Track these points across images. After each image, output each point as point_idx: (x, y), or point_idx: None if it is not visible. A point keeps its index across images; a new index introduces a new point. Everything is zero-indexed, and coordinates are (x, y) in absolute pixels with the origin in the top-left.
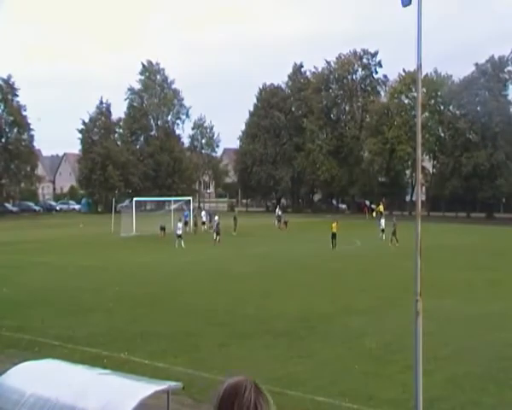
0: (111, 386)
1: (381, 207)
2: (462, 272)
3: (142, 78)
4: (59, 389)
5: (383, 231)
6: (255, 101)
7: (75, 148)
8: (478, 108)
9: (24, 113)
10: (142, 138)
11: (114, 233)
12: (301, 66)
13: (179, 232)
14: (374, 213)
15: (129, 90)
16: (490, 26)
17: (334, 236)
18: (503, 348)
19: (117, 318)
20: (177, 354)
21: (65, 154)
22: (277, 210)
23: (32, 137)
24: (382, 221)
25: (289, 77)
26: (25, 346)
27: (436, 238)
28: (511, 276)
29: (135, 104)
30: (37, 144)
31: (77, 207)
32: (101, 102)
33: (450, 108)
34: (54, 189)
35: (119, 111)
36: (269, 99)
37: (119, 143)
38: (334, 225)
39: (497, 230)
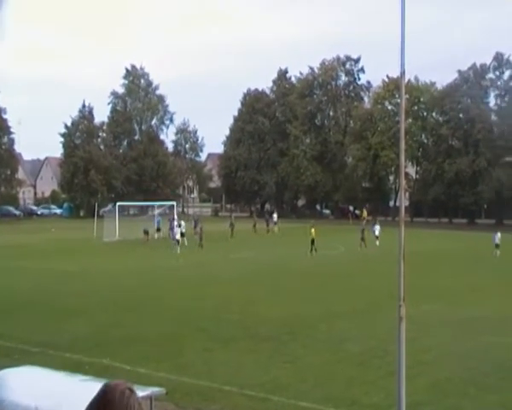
0: (92, 393)
1: (365, 213)
2: (445, 277)
3: (126, 82)
4: (38, 396)
5: (377, 237)
6: (240, 106)
7: (57, 152)
8: (460, 115)
9: (4, 116)
10: (125, 143)
11: (97, 238)
12: (286, 71)
13: (177, 237)
14: (364, 221)
15: (112, 94)
16: (473, 35)
17: (313, 241)
18: (485, 353)
19: (99, 323)
20: (160, 359)
21: (46, 158)
22: (274, 215)
23: (12, 140)
24: (377, 227)
25: (274, 82)
26: (4, 353)
27: (419, 244)
28: (492, 281)
29: (118, 108)
30: (17, 148)
31: (58, 211)
32: (84, 106)
33: (434, 114)
34: (35, 193)
35: (102, 115)
36: (253, 104)
37: (101, 147)
38: (312, 230)
39: (478, 236)
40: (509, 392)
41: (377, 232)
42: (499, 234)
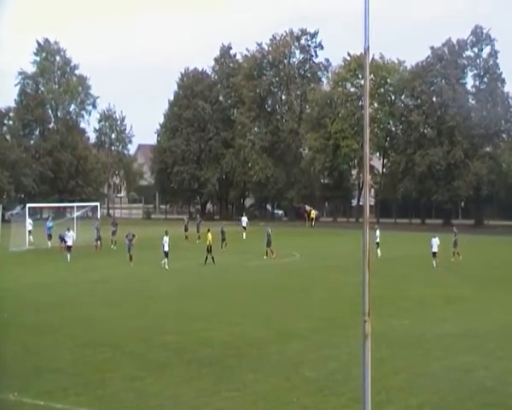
0: None
1: (313, 213)
2: (416, 287)
3: (38, 59)
4: None
5: (378, 244)
6: (176, 88)
7: None
8: (433, 99)
9: None
10: (37, 132)
11: (2, 247)
12: (230, 48)
13: (166, 249)
14: (312, 222)
15: (20, 74)
16: (446, 6)
17: (209, 249)
18: (461, 375)
19: (4, 351)
20: (81, 391)
21: None
22: (244, 219)
23: None
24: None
25: (216, 61)
26: None
27: (386, 249)
28: (469, 292)
29: (28, 91)
30: None
31: None
32: None
33: (403, 97)
34: None
35: (7, 99)
36: (192, 86)
37: (8, 137)
38: (209, 235)
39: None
40: None
41: (378, 239)
42: (437, 239)
